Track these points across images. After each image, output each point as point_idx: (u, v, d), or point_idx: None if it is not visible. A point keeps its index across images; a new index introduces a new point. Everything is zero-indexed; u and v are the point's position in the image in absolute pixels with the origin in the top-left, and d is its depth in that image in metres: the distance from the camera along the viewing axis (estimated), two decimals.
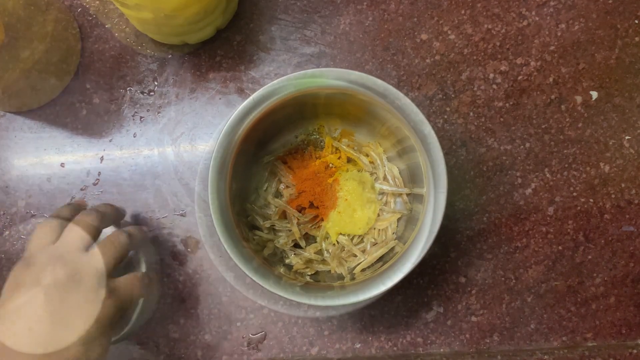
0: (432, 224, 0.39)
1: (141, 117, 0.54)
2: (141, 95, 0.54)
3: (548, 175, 0.51)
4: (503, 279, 0.50)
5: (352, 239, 0.47)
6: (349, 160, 0.49)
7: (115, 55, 0.55)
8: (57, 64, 0.52)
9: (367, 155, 0.49)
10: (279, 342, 0.50)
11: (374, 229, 0.47)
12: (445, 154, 0.51)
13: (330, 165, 0.49)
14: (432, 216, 0.39)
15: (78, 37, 0.54)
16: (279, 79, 0.41)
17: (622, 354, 0.49)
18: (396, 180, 0.48)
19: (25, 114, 0.54)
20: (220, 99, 0.54)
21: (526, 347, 0.50)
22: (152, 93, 0.54)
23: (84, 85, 0.54)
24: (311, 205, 0.48)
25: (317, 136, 0.50)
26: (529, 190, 0.51)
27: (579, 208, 0.51)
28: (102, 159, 0.54)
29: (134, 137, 0.54)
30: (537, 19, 0.53)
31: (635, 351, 0.49)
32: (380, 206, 0.48)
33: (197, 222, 0.45)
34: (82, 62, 0.55)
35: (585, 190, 0.51)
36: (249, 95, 0.53)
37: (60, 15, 0.52)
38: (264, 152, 0.49)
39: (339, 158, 0.49)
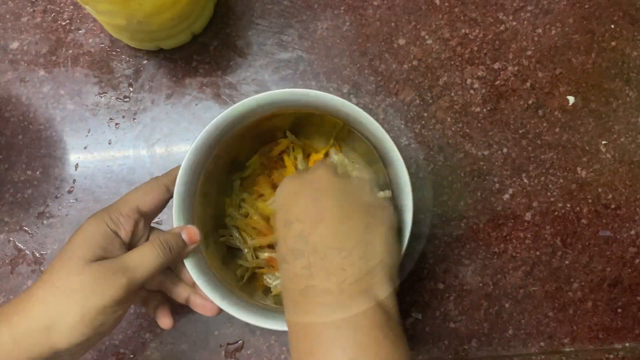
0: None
1: (116, 124, 0.53)
2: (116, 102, 0.53)
3: (525, 180, 0.51)
4: (481, 284, 0.50)
5: None
6: None
7: (90, 60, 0.54)
8: None
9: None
10: (257, 351, 0.50)
11: None
12: (423, 160, 0.51)
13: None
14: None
15: None
16: (240, 102, 0.40)
17: (599, 359, 0.49)
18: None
19: None
20: (196, 104, 0.53)
21: (504, 352, 0.50)
22: (127, 99, 0.53)
23: (58, 91, 0.54)
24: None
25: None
26: (506, 196, 0.51)
27: (556, 213, 0.51)
28: (76, 166, 0.53)
29: (109, 143, 0.53)
30: (514, 23, 0.53)
31: (612, 356, 0.49)
32: None
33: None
34: (56, 67, 0.54)
35: (562, 195, 0.51)
36: (226, 101, 0.53)
37: None
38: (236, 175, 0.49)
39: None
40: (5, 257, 0.52)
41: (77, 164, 0.53)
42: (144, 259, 0.37)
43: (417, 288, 0.50)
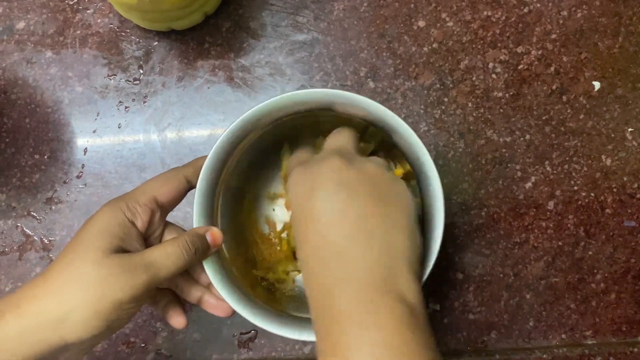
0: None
1: (126, 107, 0.52)
2: (126, 84, 0.52)
3: (548, 168, 0.50)
4: (501, 275, 0.49)
5: None
6: None
7: (99, 41, 0.52)
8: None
9: None
10: (271, 341, 0.49)
11: None
12: (443, 147, 0.50)
13: None
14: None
15: None
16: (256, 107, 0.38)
17: (622, 352, 0.48)
18: None
19: None
20: (208, 88, 0.51)
21: (525, 345, 0.48)
22: (137, 81, 0.52)
23: (66, 73, 0.52)
24: None
25: None
26: (528, 184, 0.50)
27: (579, 202, 0.50)
28: (85, 150, 0.51)
29: (119, 127, 0.52)
30: (538, 5, 0.51)
31: (635, 349, 0.48)
32: None
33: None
34: (64, 49, 0.52)
35: (586, 184, 0.50)
36: (239, 85, 0.51)
37: None
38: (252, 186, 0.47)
39: None
40: (13, 243, 0.51)
41: (85, 148, 0.51)
42: (168, 259, 0.35)
43: (435, 278, 0.49)
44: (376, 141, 0.43)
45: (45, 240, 0.51)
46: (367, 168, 0.33)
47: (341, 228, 0.31)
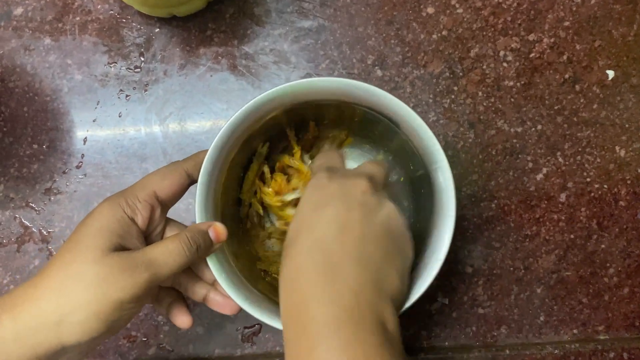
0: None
1: (127, 96, 0.50)
2: (127, 72, 0.50)
3: (560, 159, 0.48)
4: (512, 269, 0.48)
5: None
6: None
7: (99, 28, 0.51)
8: None
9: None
10: (275, 335, 0.48)
11: None
12: (452, 137, 0.48)
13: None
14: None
15: None
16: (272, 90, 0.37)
17: (636, 348, 0.47)
18: None
19: None
20: (211, 76, 0.50)
21: (535, 340, 0.47)
22: (138, 69, 0.50)
23: (65, 60, 0.51)
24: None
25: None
26: (540, 176, 0.48)
27: (592, 194, 0.48)
28: (85, 140, 0.50)
29: (120, 116, 0.50)
30: None
31: None
32: None
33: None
34: (63, 35, 0.51)
35: (599, 175, 0.48)
36: (242, 73, 0.50)
37: None
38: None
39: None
40: (12, 234, 0.49)
41: (85, 138, 0.50)
42: (170, 256, 0.34)
43: (444, 271, 0.47)
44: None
45: (44, 232, 0.49)
46: (388, 204, 0.33)
47: (343, 243, 0.30)
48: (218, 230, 0.36)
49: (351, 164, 0.43)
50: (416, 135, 0.37)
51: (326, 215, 0.31)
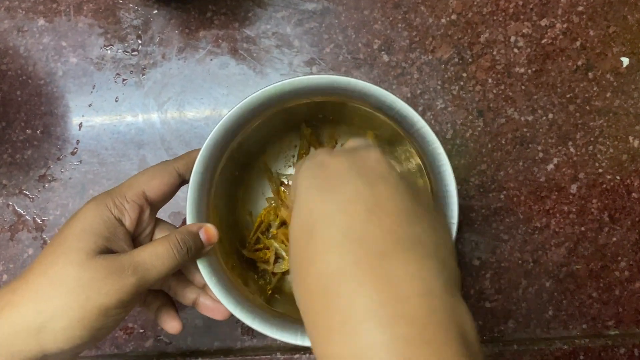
0: None
1: (124, 80, 0.49)
2: (124, 55, 0.49)
3: (572, 149, 0.47)
4: (520, 261, 0.46)
5: None
6: None
7: (95, 9, 0.49)
8: None
9: None
10: None
11: None
12: (461, 125, 0.47)
13: None
14: None
15: None
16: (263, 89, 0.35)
17: None
18: None
19: None
20: (211, 60, 0.48)
21: (543, 335, 0.46)
22: (135, 52, 0.49)
23: (60, 43, 0.49)
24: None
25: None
26: (550, 166, 0.47)
27: (604, 186, 0.47)
28: (80, 125, 0.48)
29: (116, 101, 0.48)
30: None
31: None
32: None
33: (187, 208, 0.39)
34: (57, 16, 0.49)
35: (612, 166, 0.47)
36: (243, 57, 0.48)
37: None
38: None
39: None
40: (4, 222, 0.48)
41: (80, 123, 0.48)
42: (158, 259, 0.32)
43: None
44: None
45: (38, 220, 0.48)
46: (403, 173, 0.28)
47: (381, 227, 0.24)
48: (209, 232, 0.35)
49: None
50: (420, 139, 0.35)
51: (343, 196, 0.25)
